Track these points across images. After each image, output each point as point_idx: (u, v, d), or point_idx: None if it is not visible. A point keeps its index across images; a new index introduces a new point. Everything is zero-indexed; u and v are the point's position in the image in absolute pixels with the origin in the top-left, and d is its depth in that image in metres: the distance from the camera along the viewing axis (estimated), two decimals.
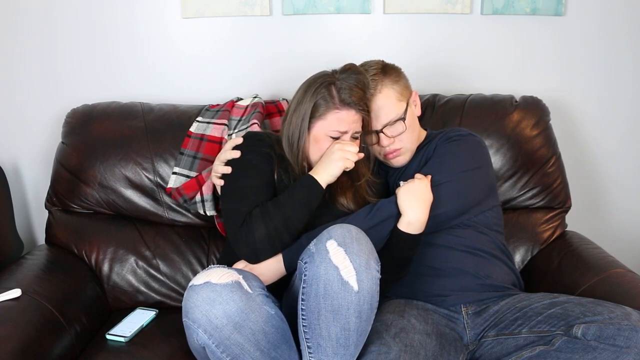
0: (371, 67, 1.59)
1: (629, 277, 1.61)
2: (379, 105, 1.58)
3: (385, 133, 1.59)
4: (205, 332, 1.28)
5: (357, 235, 1.34)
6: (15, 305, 1.51)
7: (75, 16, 2.02)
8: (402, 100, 1.61)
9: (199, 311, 1.27)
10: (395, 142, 1.60)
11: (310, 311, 1.30)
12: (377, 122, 1.59)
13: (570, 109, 2.13)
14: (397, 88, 1.60)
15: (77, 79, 2.07)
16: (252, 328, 1.29)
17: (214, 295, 1.27)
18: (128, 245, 1.85)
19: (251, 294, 1.31)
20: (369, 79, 1.56)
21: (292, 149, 1.55)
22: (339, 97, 1.51)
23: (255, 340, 1.30)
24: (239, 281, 1.31)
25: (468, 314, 1.56)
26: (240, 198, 1.49)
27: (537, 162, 1.89)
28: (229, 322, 1.27)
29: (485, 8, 2.04)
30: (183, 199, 1.82)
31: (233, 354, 1.29)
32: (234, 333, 1.27)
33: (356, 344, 1.32)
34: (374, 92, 1.57)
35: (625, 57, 2.11)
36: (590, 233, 1.93)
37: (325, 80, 1.53)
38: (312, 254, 1.33)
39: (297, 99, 1.55)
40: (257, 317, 1.30)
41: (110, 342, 1.61)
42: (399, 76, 1.62)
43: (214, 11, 2.03)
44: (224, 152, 1.60)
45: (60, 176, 1.88)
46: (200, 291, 1.28)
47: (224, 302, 1.26)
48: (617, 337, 1.26)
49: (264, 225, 1.43)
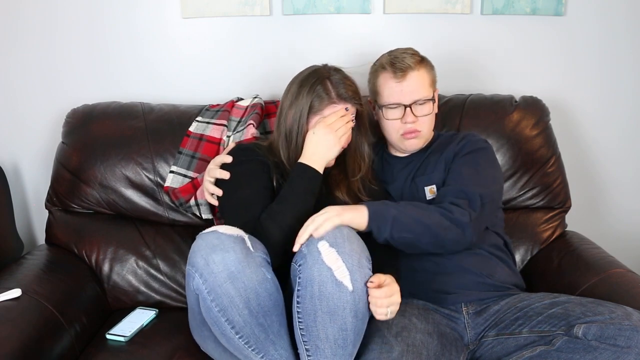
0: (410, 49, 1.67)
1: (629, 277, 1.61)
2: (414, 80, 1.61)
3: (412, 110, 1.60)
4: (201, 277, 1.29)
5: (349, 234, 1.35)
6: (15, 305, 1.51)
7: (75, 16, 2.02)
8: (432, 88, 1.66)
9: (200, 255, 1.30)
10: (417, 122, 1.62)
11: (306, 313, 1.30)
12: (407, 97, 1.61)
13: (570, 109, 2.13)
14: (431, 75, 1.68)
15: (77, 79, 2.07)
16: (245, 283, 1.29)
17: (217, 242, 1.30)
18: (128, 245, 1.85)
19: (252, 252, 1.33)
20: (408, 55, 1.62)
21: (290, 145, 1.56)
22: (336, 91, 1.53)
23: (246, 297, 1.29)
24: (243, 237, 1.34)
25: (468, 313, 1.56)
26: (244, 209, 1.49)
27: (537, 162, 1.89)
28: (225, 269, 1.28)
29: (485, 8, 2.04)
30: (179, 201, 1.82)
31: (222, 304, 1.29)
32: (227, 282, 1.28)
33: (354, 344, 1.32)
34: (412, 67, 1.61)
35: (625, 57, 2.11)
36: (590, 233, 1.93)
37: (319, 75, 1.54)
38: (305, 255, 1.33)
39: (293, 95, 1.56)
40: (252, 274, 1.30)
41: (110, 342, 1.61)
42: (433, 67, 1.69)
43: (214, 11, 2.03)
44: (214, 170, 1.60)
45: (60, 176, 1.87)
46: (205, 237, 1.32)
47: (224, 249, 1.29)
48: (617, 337, 1.26)
49: (276, 226, 1.43)
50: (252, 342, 1.32)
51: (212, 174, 1.60)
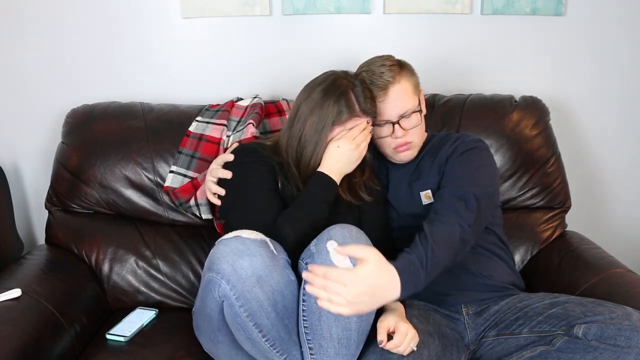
0: (387, 60, 1.59)
1: (629, 277, 1.61)
2: (396, 94, 1.56)
3: (400, 125, 1.58)
4: (228, 283, 1.28)
5: (357, 235, 1.35)
6: (15, 305, 1.51)
7: (76, 16, 2.02)
8: (416, 94, 1.61)
9: (226, 261, 1.28)
10: (407, 135, 1.60)
11: (311, 312, 1.31)
12: (393, 113, 1.57)
13: (570, 109, 2.13)
14: (413, 82, 1.61)
15: (77, 79, 2.07)
16: (272, 286, 1.30)
17: (243, 247, 1.29)
18: (128, 245, 1.85)
19: (276, 255, 1.33)
20: (385, 68, 1.56)
21: (305, 149, 1.53)
22: (359, 105, 1.51)
23: (274, 300, 1.30)
24: (266, 241, 1.33)
25: (468, 314, 1.56)
26: (256, 212, 1.49)
27: (536, 162, 1.89)
28: (254, 274, 1.28)
29: (485, 8, 2.04)
30: (179, 201, 1.82)
31: (251, 309, 1.29)
32: (256, 287, 1.28)
33: (357, 344, 1.33)
34: (392, 82, 1.56)
35: (625, 57, 2.11)
36: (590, 233, 1.93)
37: (344, 86, 1.51)
38: (313, 254, 1.34)
39: (314, 102, 1.51)
40: (279, 277, 1.31)
41: (110, 342, 1.61)
42: (413, 71, 1.63)
43: (214, 11, 2.03)
44: (217, 169, 1.60)
45: (60, 176, 1.87)
46: (229, 243, 1.31)
47: (251, 254, 1.28)
48: (618, 337, 1.26)
49: (293, 231, 1.43)
50: (277, 344, 1.33)
51: (214, 174, 1.60)
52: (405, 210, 1.64)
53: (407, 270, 1.26)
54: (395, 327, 1.35)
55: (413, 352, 1.34)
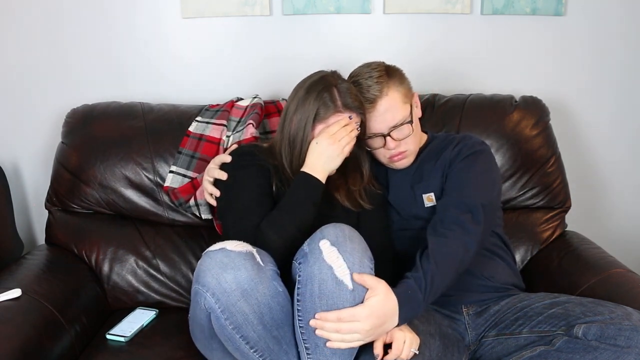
0: (374, 70, 1.56)
1: (629, 277, 1.61)
2: (385, 107, 1.54)
3: (392, 136, 1.57)
4: (213, 296, 1.28)
5: (350, 234, 1.34)
6: (15, 305, 1.51)
7: (76, 16, 2.02)
8: (406, 103, 1.58)
9: (210, 274, 1.28)
10: (400, 145, 1.58)
11: (306, 311, 1.30)
12: (384, 125, 1.55)
13: (570, 109, 2.13)
14: (402, 90, 1.57)
15: (77, 79, 2.07)
16: (258, 299, 1.29)
17: (227, 260, 1.28)
18: (128, 245, 1.85)
19: (262, 267, 1.32)
20: (373, 81, 1.54)
21: (294, 150, 1.53)
22: (342, 100, 1.50)
23: (260, 313, 1.29)
24: (252, 252, 1.32)
25: (469, 314, 1.56)
26: (243, 216, 1.47)
27: (536, 162, 1.89)
28: (238, 288, 1.27)
29: (485, 8, 2.04)
30: (179, 202, 1.82)
31: (236, 322, 1.28)
32: (240, 300, 1.27)
33: None
34: (379, 95, 1.54)
35: (625, 57, 2.11)
36: (590, 233, 1.93)
37: (327, 82, 1.51)
38: (306, 254, 1.33)
39: (299, 100, 1.52)
40: (265, 289, 1.30)
41: (110, 342, 1.61)
42: (402, 78, 1.60)
43: (214, 11, 2.03)
44: (213, 170, 1.59)
45: (60, 176, 1.87)
46: (214, 256, 1.30)
47: (235, 267, 1.27)
48: (618, 337, 1.26)
49: (277, 235, 1.41)
50: (267, 354, 1.33)
51: (211, 174, 1.60)
52: (407, 212, 1.63)
53: (405, 296, 1.32)
54: (390, 337, 1.34)
55: (415, 355, 1.34)
